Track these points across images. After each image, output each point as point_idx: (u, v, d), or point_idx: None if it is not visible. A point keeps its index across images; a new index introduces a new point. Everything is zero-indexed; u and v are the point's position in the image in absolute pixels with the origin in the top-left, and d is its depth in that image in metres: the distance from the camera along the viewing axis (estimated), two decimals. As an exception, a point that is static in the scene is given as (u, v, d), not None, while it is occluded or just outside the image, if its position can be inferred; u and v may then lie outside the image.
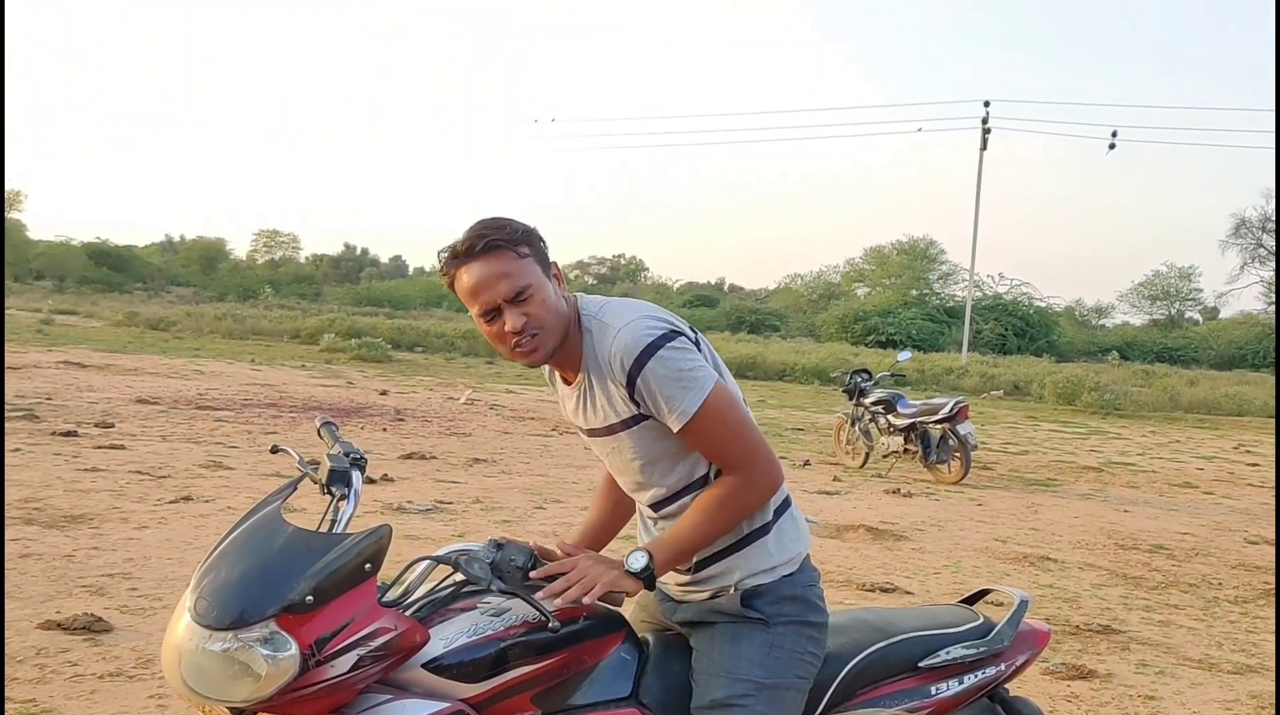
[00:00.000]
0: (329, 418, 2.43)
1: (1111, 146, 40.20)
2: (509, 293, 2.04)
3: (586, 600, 2.00)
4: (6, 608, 4.91)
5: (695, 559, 2.19)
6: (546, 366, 2.28)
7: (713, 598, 2.19)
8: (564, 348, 2.14)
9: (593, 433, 2.23)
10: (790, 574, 2.19)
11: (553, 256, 2.15)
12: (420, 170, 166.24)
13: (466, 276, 2.07)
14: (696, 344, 2.13)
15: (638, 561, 2.06)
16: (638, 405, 2.10)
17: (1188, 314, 59.92)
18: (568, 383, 2.24)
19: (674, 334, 2.07)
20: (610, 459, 2.26)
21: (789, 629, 2.15)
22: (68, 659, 4.36)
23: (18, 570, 5.49)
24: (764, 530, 2.19)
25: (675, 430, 2.08)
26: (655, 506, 2.25)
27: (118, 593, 5.29)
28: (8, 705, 3.85)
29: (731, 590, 2.17)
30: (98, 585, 5.38)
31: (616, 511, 2.46)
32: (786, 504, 2.26)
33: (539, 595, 1.99)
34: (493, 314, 2.07)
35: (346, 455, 2.20)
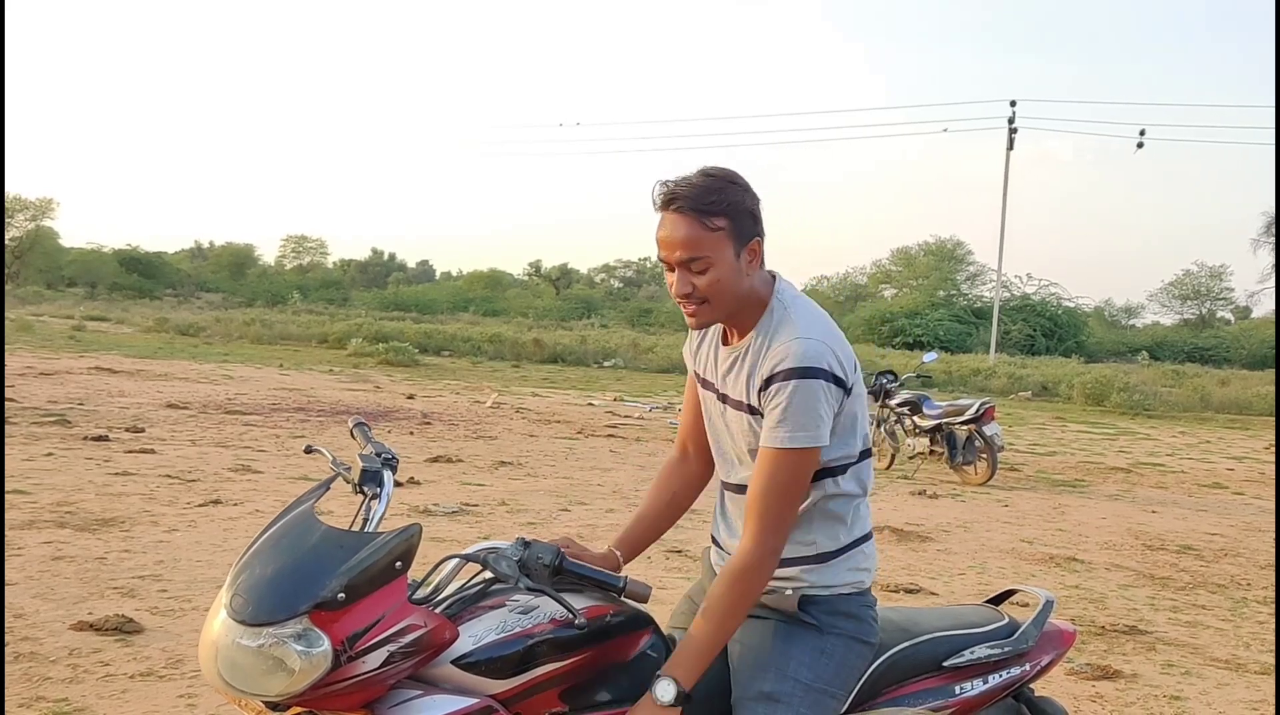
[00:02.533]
0: (361, 419, 2.47)
1: (1140, 145, 39.91)
2: (682, 258, 2.09)
3: None
4: (40, 609, 4.99)
5: None
6: None
7: (767, 594, 2.20)
8: (742, 315, 2.17)
9: (721, 398, 2.25)
10: (849, 594, 2.21)
11: (581, 259, 2.18)
12: (446, 175, 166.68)
13: (661, 223, 2.12)
14: (848, 391, 2.12)
15: (667, 693, 2.03)
16: (759, 400, 2.12)
17: (1219, 313, 59.28)
18: (727, 343, 2.25)
19: (838, 383, 2.08)
20: (724, 430, 2.27)
21: (840, 641, 2.17)
22: (100, 659, 4.42)
23: (50, 572, 5.57)
24: (836, 554, 2.20)
25: (758, 444, 2.11)
26: (729, 486, 2.28)
27: (148, 594, 5.36)
28: (41, 704, 3.92)
29: (789, 592, 2.19)
30: (129, 587, 5.45)
31: (671, 506, 2.47)
32: (866, 537, 2.27)
33: None
34: (669, 266, 2.13)
35: (378, 455, 2.24)
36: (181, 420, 12.19)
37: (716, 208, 2.06)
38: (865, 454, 2.22)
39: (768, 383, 2.07)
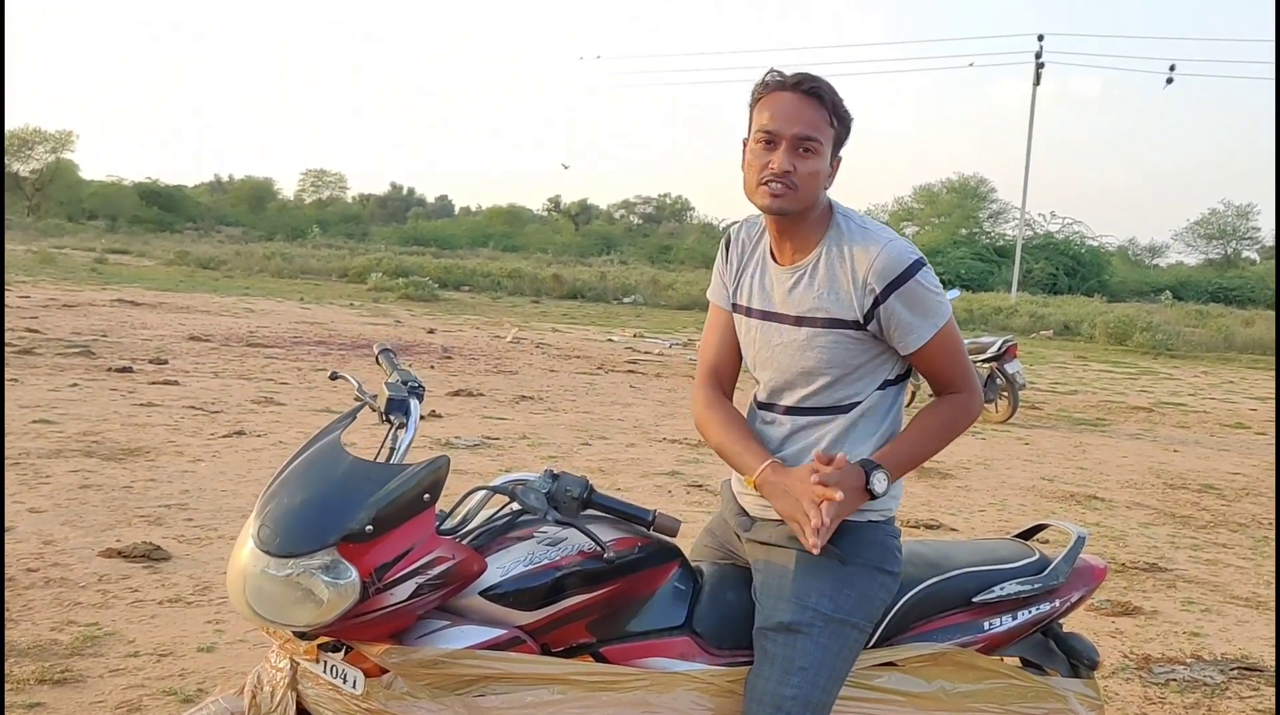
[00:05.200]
0: (387, 346, 2.44)
1: (1169, 80, 39.23)
2: (799, 134, 2.08)
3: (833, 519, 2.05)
4: (69, 536, 5.05)
5: None
6: (734, 243, 2.33)
7: (785, 524, 2.16)
8: (802, 226, 2.18)
9: (783, 319, 2.21)
10: (875, 522, 2.19)
11: (601, 195, 2.13)
12: (465, 109, 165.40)
13: (775, 101, 2.11)
14: None
15: (882, 483, 2.10)
16: (867, 320, 2.13)
17: (1244, 253, 58.48)
18: (780, 263, 2.22)
19: (925, 262, 2.14)
20: (777, 349, 2.22)
21: (863, 571, 2.14)
22: (128, 585, 4.48)
23: (79, 500, 5.63)
24: None
25: (906, 352, 2.15)
26: (788, 409, 2.23)
27: (175, 523, 5.41)
28: (73, 628, 3.97)
29: None
30: (155, 515, 5.51)
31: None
32: None
33: (809, 529, 2.00)
34: (771, 143, 2.10)
35: (404, 383, 2.22)
36: (204, 352, 12.25)
37: (840, 109, 2.14)
38: (908, 371, 2.25)
39: (877, 301, 2.10)
